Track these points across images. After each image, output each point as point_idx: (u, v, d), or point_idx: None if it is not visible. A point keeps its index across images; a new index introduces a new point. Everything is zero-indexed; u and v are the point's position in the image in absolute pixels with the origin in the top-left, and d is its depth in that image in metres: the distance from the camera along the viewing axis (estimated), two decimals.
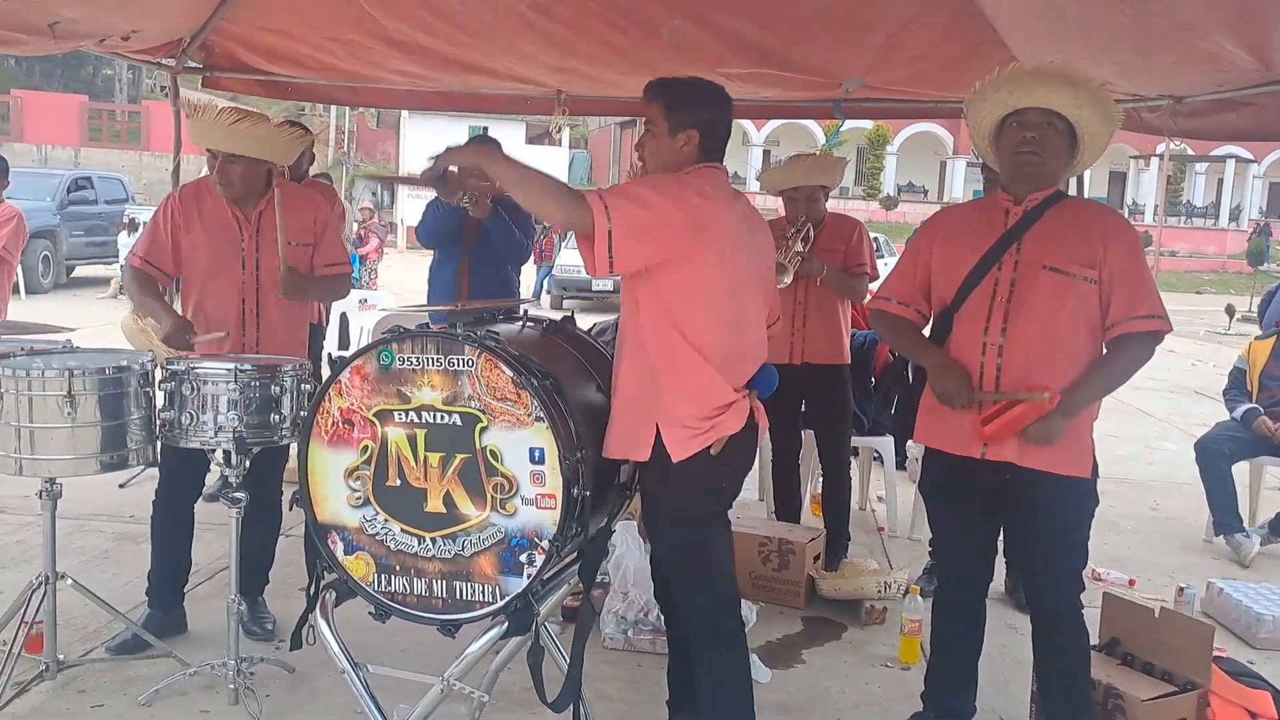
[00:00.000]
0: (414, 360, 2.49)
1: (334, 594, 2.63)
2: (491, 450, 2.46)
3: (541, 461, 2.43)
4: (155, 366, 3.05)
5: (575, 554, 2.67)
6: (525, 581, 2.46)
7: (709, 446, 2.60)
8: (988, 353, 2.80)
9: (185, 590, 3.76)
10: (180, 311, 3.56)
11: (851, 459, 5.86)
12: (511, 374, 2.43)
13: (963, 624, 3.08)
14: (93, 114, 28.55)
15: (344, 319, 7.36)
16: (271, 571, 3.87)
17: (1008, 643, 3.94)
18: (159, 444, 3.09)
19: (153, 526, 3.62)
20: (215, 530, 4.05)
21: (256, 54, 5.65)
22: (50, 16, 4.27)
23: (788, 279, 4.36)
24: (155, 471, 3.46)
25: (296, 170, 5.08)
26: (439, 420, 2.48)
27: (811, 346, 4.67)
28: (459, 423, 2.47)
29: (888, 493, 5.53)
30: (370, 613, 2.61)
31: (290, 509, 2.76)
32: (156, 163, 26.21)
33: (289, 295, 3.49)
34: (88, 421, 2.88)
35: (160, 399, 3.05)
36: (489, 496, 2.47)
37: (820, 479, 5.05)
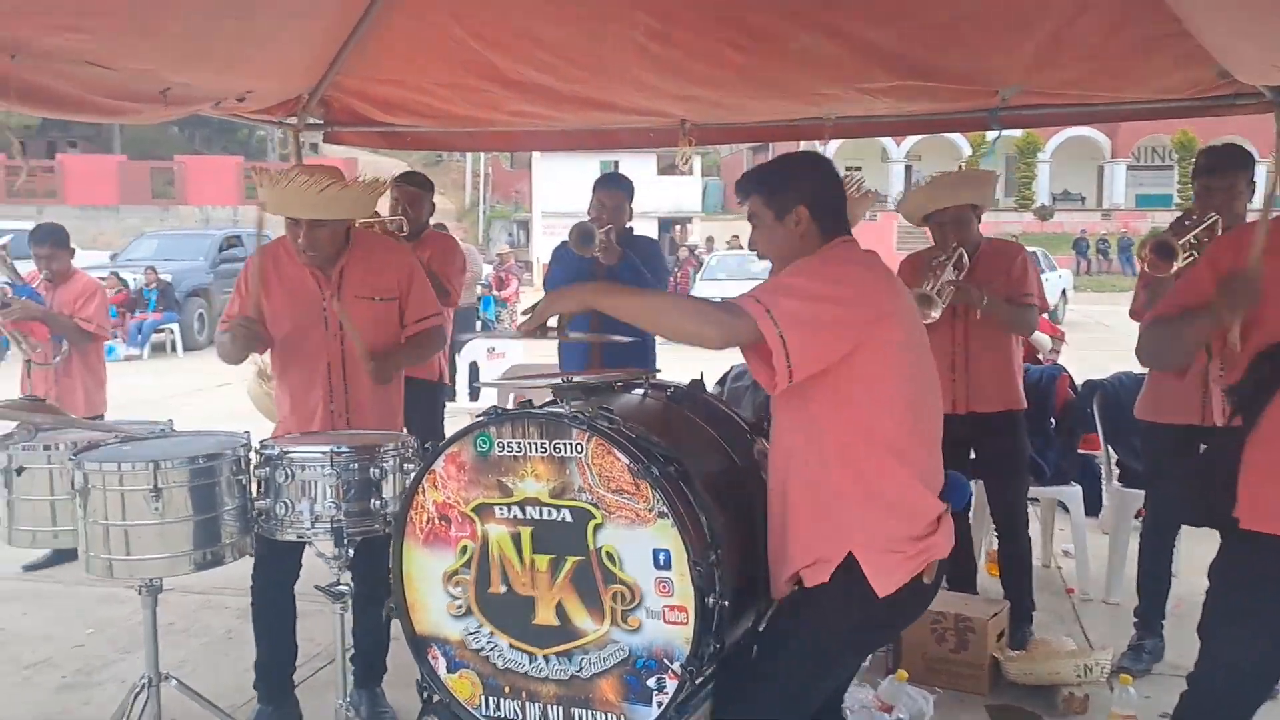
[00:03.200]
0: (515, 446, 2.12)
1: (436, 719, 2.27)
2: (608, 552, 2.07)
3: (668, 566, 2.02)
4: (249, 450, 2.79)
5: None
6: (656, 711, 2.05)
7: (921, 574, 2.10)
8: None
9: (301, 679, 3.51)
10: (272, 376, 3.36)
11: (1030, 508, 5.27)
12: (628, 461, 2.03)
13: None
14: (248, 173, 29.98)
15: (474, 368, 7.18)
16: (390, 658, 3.58)
17: None
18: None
19: (253, 615, 3.36)
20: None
21: (374, 106, 5.52)
22: (161, 83, 4.17)
23: (935, 313, 3.81)
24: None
25: (417, 222, 4.88)
26: (546, 516, 2.11)
27: (977, 393, 4.08)
28: (569, 519, 2.09)
29: (1077, 548, 4.87)
30: None
31: (386, 619, 2.43)
32: None
33: (381, 380, 3.24)
34: (178, 517, 2.63)
35: (254, 486, 2.79)
36: (607, 608, 2.08)
37: (994, 535, 4.47)
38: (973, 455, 4.26)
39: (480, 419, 2.17)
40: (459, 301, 5.20)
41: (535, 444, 2.11)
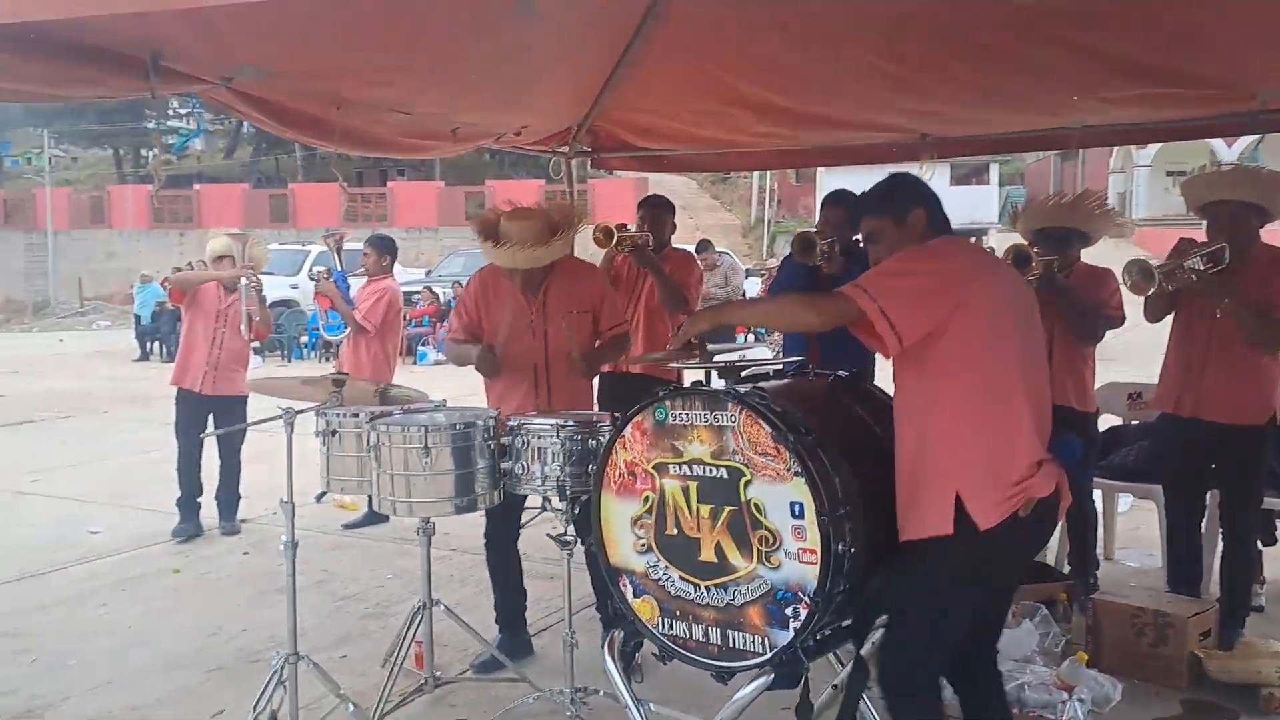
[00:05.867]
0: (685, 416, 2.62)
1: (621, 633, 2.80)
2: (755, 504, 2.51)
3: (802, 516, 2.44)
4: (497, 423, 3.46)
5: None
6: (791, 634, 2.47)
7: (1017, 511, 2.42)
8: None
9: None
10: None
11: None
12: (770, 429, 2.47)
13: None
14: (549, 195, 32.35)
15: None
16: None
17: None
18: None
19: (487, 561, 4.21)
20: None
21: (633, 133, 6.18)
22: (450, 124, 5.05)
23: (1151, 286, 3.77)
24: (548, 515, 3.76)
25: (659, 238, 5.43)
26: (708, 473, 2.59)
27: (1206, 401, 4.05)
28: (725, 476, 2.56)
29: None
30: (654, 654, 2.75)
31: (587, 552, 2.99)
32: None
33: (588, 375, 4.01)
34: (442, 470, 3.34)
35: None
36: (755, 549, 2.52)
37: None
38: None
39: (658, 395, 2.68)
40: (697, 308, 5.73)
41: (700, 415, 2.60)
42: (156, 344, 19.13)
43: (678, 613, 2.67)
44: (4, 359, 19.23)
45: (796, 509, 2.44)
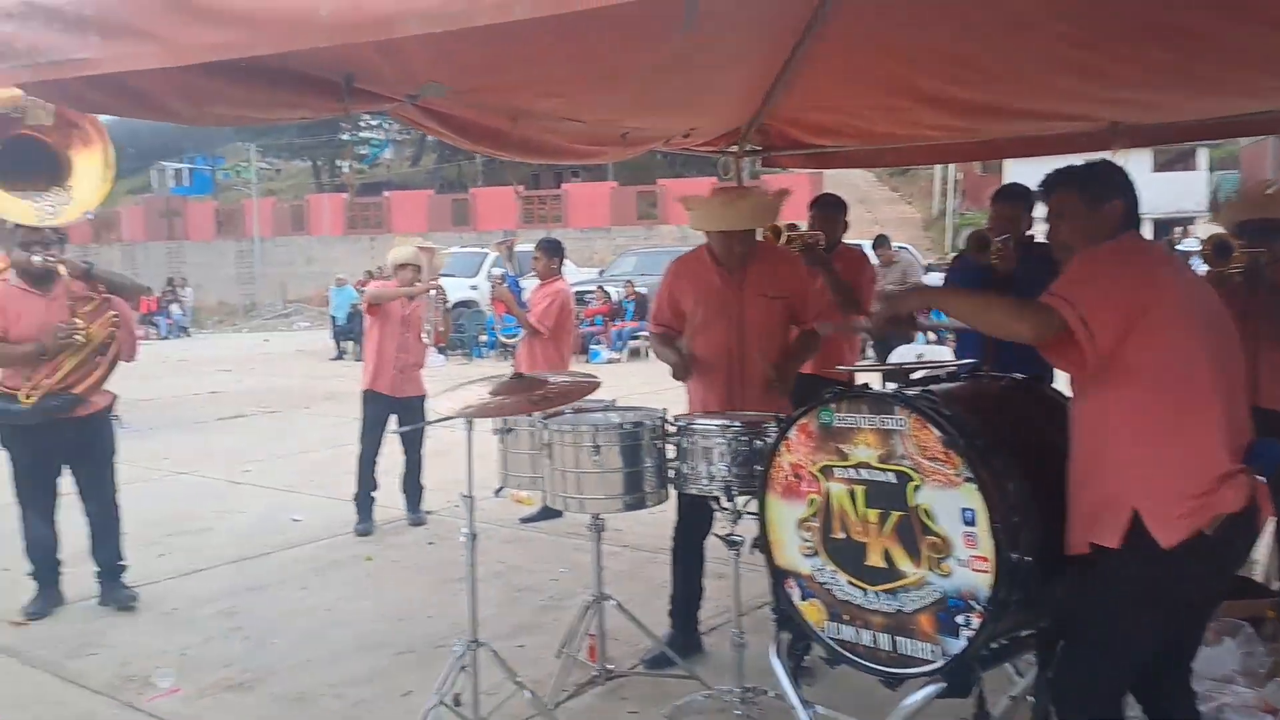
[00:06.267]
0: (850, 419, 2.61)
1: (789, 635, 2.81)
2: (925, 509, 2.47)
3: (973, 523, 2.38)
4: (665, 422, 3.52)
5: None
6: (964, 643, 2.41)
7: (1204, 529, 2.29)
8: None
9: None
10: None
11: None
12: (940, 434, 2.42)
13: None
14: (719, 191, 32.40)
15: None
16: None
17: None
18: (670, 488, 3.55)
19: (672, 557, 4.22)
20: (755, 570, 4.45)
21: (803, 131, 6.13)
22: (621, 129, 5.16)
23: None
24: (718, 515, 3.87)
25: (831, 238, 5.37)
26: (875, 477, 2.56)
27: None
28: (893, 480, 2.52)
29: None
30: (821, 657, 2.74)
31: (752, 552, 3.01)
32: None
33: (783, 392, 3.90)
34: (612, 468, 3.43)
35: (671, 451, 3.51)
36: (924, 555, 2.48)
37: None
38: None
39: (824, 397, 2.66)
40: (870, 309, 5.63)
41: (866, 418, 2.57)
42: (350, 343, 20.31)
43: (846, 617, 2.66)
44: (219, 357, 20.88)
45: (968, 515, 2.39)
